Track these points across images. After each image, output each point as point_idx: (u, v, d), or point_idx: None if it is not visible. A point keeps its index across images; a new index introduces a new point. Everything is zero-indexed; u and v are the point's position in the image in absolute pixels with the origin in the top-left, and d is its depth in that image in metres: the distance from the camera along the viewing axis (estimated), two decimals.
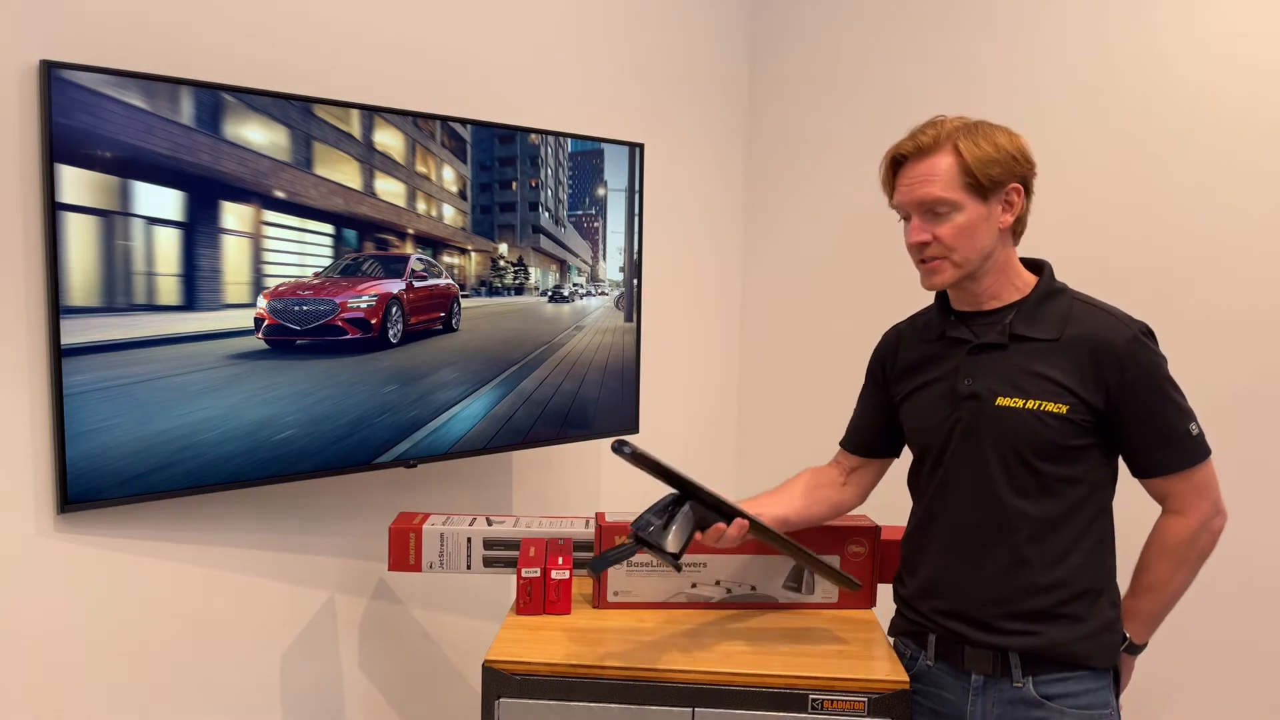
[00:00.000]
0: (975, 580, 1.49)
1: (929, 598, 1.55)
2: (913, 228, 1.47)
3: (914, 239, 1.46)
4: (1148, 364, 1.41)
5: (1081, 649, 1.45)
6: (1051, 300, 1.48)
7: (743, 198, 3.09)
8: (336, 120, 1.91)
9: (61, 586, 1.75)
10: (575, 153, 2.33)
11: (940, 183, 1.42)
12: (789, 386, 3.04)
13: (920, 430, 1.56)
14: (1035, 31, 2.52)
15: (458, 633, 2.43)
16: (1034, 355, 1.45)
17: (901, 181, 1.49)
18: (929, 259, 1.47)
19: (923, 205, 1.44)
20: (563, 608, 1.74)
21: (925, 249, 1.46)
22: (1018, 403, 1.43)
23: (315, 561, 2.12)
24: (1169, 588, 1.49)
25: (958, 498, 1.51)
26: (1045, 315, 1.47)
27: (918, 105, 2.74)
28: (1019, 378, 1.44)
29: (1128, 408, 1.41)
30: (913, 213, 1.47)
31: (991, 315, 1.50)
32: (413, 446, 2.07)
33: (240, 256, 1.81)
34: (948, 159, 1.42)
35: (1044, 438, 1.42)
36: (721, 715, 1.50)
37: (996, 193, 1.43)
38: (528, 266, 2.27)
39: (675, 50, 2.81)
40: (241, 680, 2.02)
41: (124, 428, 1.70)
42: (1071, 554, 1.45)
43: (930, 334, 1.58)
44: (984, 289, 1.50)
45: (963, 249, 1.44)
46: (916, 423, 1.57)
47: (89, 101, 1.62)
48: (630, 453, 1.37)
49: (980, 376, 1.47)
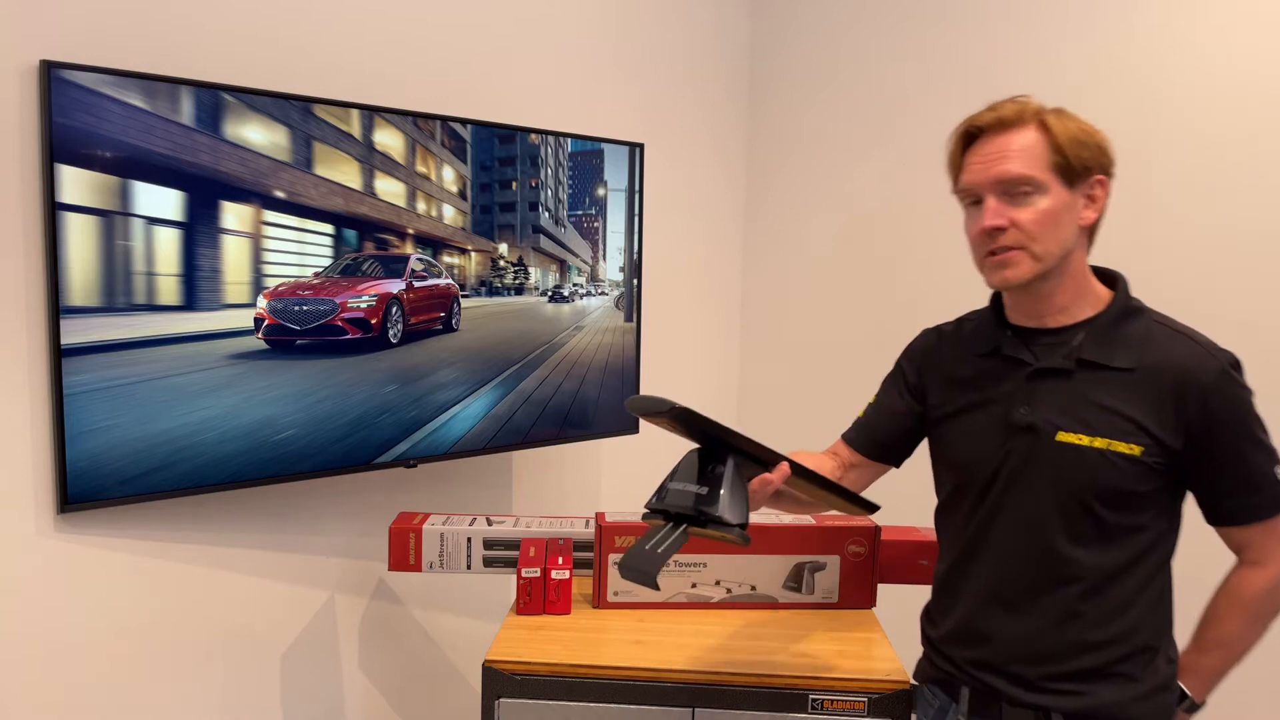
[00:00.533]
0: (1019, 632, 1.31)
1: (963, 645, 1.37)
2: (987, 211, 1.26)
3: (988, 223, 1.25)
4: (1236, 402, 1.24)
5: (1135, 711, 1.28)
6: (1129, 321, 1.29)
7: (743, 197, 3.09)
8: (336, 120, 1.91)
9: (61, 586, 1.75)
10: (575, 153, 2.33)
11: (1025, 159, 1.24)
12: (789, 386, 3.04)
13: (963, 460, 1.37)
14: (1033, 30, 2.53)
15: (458, 633, 2.43)
16: (1104, 386, 1.26)
17: (975, 158, 1.28)
18: (1002, 249, 1.25)
19: (1001, 184, 1.24)
20: (563, 608, 1.74)
21: (999, 236, 1.25)
22: (1083, 440, 1.25)
23: (315, 561, 2.12)
24: (1240, 644, 1.33)
25: (1004, 540, 1.33)
26: (1121, 339, 1.27)
27: (917, 104, 2.74)
28: (1085, 411, 1.26)
29: (1211, 451, 1.24)
30: (987, 194, 1.26)
31: (1056, 335, 1.31)
32: (413, 446, 2.07)
33: (240, 256, 1.81)
34: (1034, 134, 1.25)
35: (1111, 482, 1.24)
36: (721, 715, 1.50)
37: (1083, 181, 1.26)
38: (528, 266, 2.26)
39: (675, 50, 2.81)
40: (241, 680, 2.02)
41: (124, 428, 1.70)
42: (1130, 608, 1.28)
43: (981, 347, 1.38)
44: (1053, 298, 1.30)
45: (1044, 239, 1.24)
46: (959, 451, 1.38)
47: (89, 101, 1.61)
48: (670, 410, 1.08)
49: (1039, 406, 1.29)
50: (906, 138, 2.77)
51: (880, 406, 1.53)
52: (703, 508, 1.12)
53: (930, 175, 2.73)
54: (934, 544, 1.78)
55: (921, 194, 2.75)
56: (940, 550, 1.46)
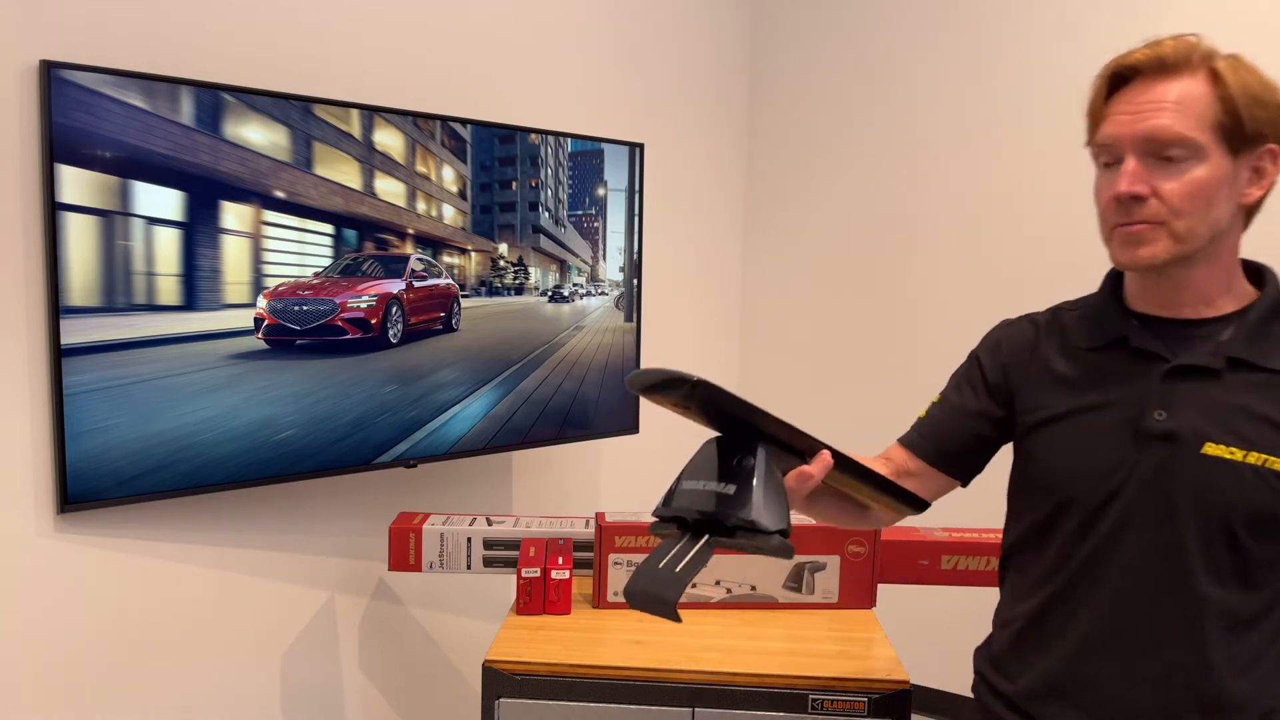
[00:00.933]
0: (1134, 688, 1.09)
1: (1056, 702, 1.14)
2: (1124, 173, 1.03)
3: (1125, 188, 1.02)
4: None
5: None
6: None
7: (743, 197, 3.09)
8: (336, 120, 1.91)
9: (61, 586, 1.75)
10: (575, 153, 2.33)
11: (1184, 114, 1.00)
12: (790, 385, 3.04)
13: (1070, 474, 1.12)
14: (1034, 33, 2.52)
15: (458, 633, 2.43)
16: (1258, 391, 1.05)
17: (1120, 107, 1.05)
18: (1138, 222, 1.04)
19: (1150, 142, 1.02)
20: (563, 608, 1.74)
21: (1135, 208, 1.03)
22: (1236, 454, 1.04)
23: (315, 561, 2.12)
24: None
25: (1122, 576, 1.09)
26: (1277, 338, 1.07)
27: (916, 103, 2.74)
28: (1239, 420, 1.05)
29: None
30: (1129, 152, 1.03)
31: (1197, 327, 1.09)
32: (412, 446, 2.07)
33: (240, 256, 1.81)
34: (1200, 85, 1.01)
35: (1265, 506, 1.04)
36: (721, 715, 1.50)
37: (1252, 150, 1.03)
38: (528, 266, 2.26)
39: (675, 50, 2.81)
40: (241, 680, 2.02)
41: (124, 428, 1.70)
42: (1260, 661, 1.07)
43: (1096, 338, 1.15)
44: (1194, 286, 1.08)
45: (1191, 217, 1.02)
46: (1065, 464, 1.13)
47: (89, 101, 1.61)
48: (693, 383, 0.82)
49: (1181, 411, 1.06)
50: (906, 136, 2.77)
51: (949, 404, 1.26)
52: (730, 511, 0.85)
53: (931, 172, 2.73)
54: (934, 544, 1.78)
55: (922, 190, 2.75)
56: (1014, 587, 1.21)
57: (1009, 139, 2.59)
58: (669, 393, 0.85)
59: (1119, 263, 1.08)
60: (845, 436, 2.84)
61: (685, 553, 0.87)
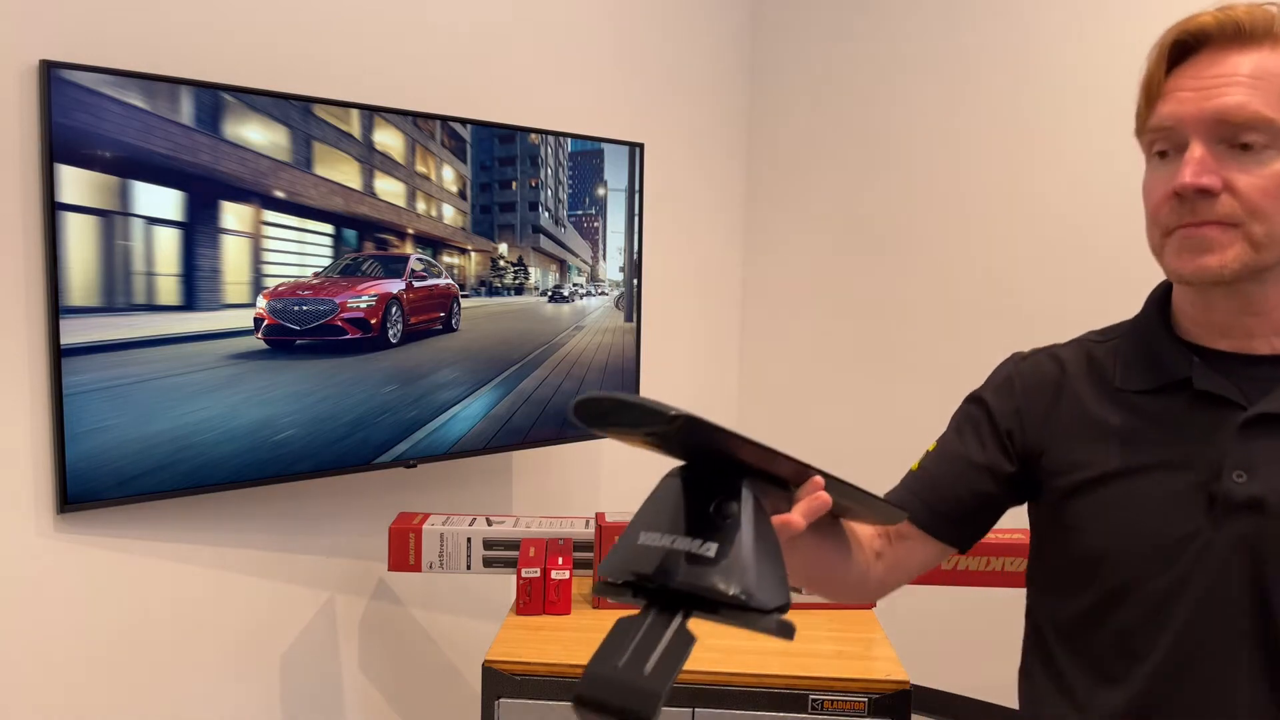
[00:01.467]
0: None
1: None
2: (1189, 162, 0.82)
3: (1190, 179, 0.81)
4: None
5: None
6: None
7: (742, 197, 3.09)
8: (336, 120, 1.91)
9: (61, 586, 1.75)
10: (575, 153, 2.33)
11: (1264, 91, 0.80)
12: (790, 386, 3.04)
13: (1125, 552, 0.90)
14: (1034, 37, 2.52)
15: (458, 633, 2.43)
16: None
17: (1183, 82, 0.84)
18: (1204, 222, 0.83)
19: (1221, 124, 0.82)
20: (563, 608, 1.74)
21: (1204, 205, 0.82)
22: None
23: (315, 561, 2.12)
24: None
25: (1209, 685, 0.86)
26: None
27: (916, 103, 2.74)
28: None
29: None
30: (1194, 137, 0.83)
31: (1274, 365, 0.87)
32: (412, 446, 2.07)
33: (240, 256, 1.81)
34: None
35: None
36: (721, 715, 1.50)
37: None
38: (528, 266, 2.27)
39: (675, 50, 2.81)
40: (241, 680, 2.02)
41: (123, 428, 1.70)
42: None
43: (1148, 379, 0.92)
44: (1268, 310, 0.87)
45: (1272, 219, 0.82)
46: (1118, 539, 0.90)
47: (89, 101, 1.61)
48: (680, 418, 0.58)
49: (1265, 471, 0.85)
50: (906, 136, 2.77)
51: (946, 455, 1.03)
52: (712, 582, 0.61)
53: (931, 172, 2.73)
54: None
55: (922, 189, 2.75)
56: (1043, 692, 0.97)
57: (1011, 139, 2.59)
58: (638, 429, 0.61)
59: (1178, 274, 0.86)
60: (846, 436, 2.84)
61: (657, 638, 0.61)
